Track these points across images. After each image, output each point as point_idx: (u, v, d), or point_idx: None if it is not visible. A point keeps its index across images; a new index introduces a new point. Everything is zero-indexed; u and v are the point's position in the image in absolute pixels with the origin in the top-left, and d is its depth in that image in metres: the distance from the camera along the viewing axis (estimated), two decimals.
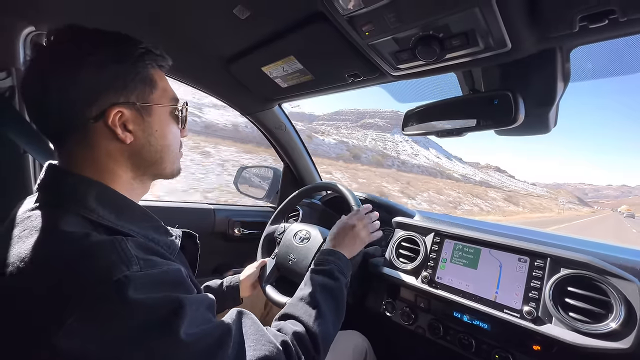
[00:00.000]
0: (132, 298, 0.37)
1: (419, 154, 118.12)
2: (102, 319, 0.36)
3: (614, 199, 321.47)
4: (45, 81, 0.46)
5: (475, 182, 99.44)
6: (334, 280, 0.69)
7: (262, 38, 0.84)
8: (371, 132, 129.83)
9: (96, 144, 0.49)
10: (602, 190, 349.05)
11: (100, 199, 0.47)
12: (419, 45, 0.63)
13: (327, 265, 0.72)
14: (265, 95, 1.18)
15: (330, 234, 0.83)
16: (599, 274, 0.70)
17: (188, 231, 0.66)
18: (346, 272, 0.74)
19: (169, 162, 0.57)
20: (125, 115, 0.49)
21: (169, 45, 0.92)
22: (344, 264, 0.74)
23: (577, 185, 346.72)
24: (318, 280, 0.68)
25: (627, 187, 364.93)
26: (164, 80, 0.56)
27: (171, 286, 0.43)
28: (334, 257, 0.74)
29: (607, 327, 0.65)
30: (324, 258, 0.74)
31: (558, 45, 0.61)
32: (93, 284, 0.37)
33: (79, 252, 0.39)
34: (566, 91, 0.75)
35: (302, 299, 0.63)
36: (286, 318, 0.61)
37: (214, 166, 10.74)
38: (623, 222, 52.01)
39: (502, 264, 0.84)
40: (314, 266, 0.73)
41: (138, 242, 0.45)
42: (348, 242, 0.80)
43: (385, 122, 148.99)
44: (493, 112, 0.69)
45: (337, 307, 0.66)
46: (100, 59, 0.47)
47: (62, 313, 0.35)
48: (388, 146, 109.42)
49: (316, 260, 0.75)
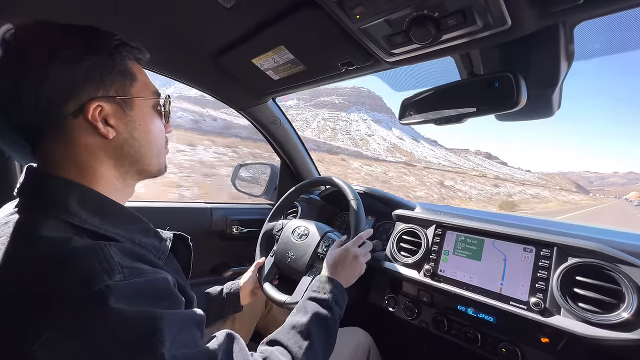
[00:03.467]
0: (114, 310, 0.35)
1: (374, 134, 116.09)
2: (82, 330, 0.35)
3: (621, 186, 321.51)
4: (17, 78, 0.44)
5: (438, 166, 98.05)
6: (330, 311, 0.66)
7: (250, 27, 0.81)
8: (324, 111, 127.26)
9: (76, 141, 0.47)
10: (607, 177, 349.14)
11: (82, 202, 0.45)
12: (413, 26, 0.60)
13: (325, 294, 0.69)
14: (257, 89, 1.15)
15: (329, 258, 0.80)
16: (609, 261, 0.67)
17: (179, 233, 0.64)
18: (342, 304, 0.71)
19: (153, 157, 0.55)
20: (105, 109, 0.47)
21: (155, 41, 0.90)
22: (340, 294, 0.72)
23: (582, 174, 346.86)
24: (313, 309, 0.65)
25: (634, 174, 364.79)
26: (143, 74, 0.54)
27: (156, 298, 0.41)
28: (332, 286, 0.71)
29: (618, 317, 0.62)
30: (322, 286, 0.72)
31: (561, 20, 0.57)
32: (73, 294, 0.35)
33: (59, 259, 0.37)
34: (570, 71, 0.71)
35: (295, 327, 0.61)
36: (275, 344, 0.58)
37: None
38: (631, 212, 47.13)
39: (506, 255, 0.81)
40: (311, 292, 0.71)
41: (123, 248, 0.43)
42: (347, 271, 0.78)
43: (342, 99, 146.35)
44: (494, 96, 0.65)
45: (328, 341, 0.64)
46: (73, 52, 0.45)
47: (41, 323, 0.34)
48: (339, 126, 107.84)
49: (313, 286, 0.72)
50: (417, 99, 0.81)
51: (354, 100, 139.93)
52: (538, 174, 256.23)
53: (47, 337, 0.33)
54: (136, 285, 0.39)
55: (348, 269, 0.78)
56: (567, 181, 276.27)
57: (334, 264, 0.78)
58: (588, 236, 0.76)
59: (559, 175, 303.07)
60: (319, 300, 0.68)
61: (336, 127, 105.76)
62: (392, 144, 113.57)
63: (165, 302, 0.42)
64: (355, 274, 0.80)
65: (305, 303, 0.67)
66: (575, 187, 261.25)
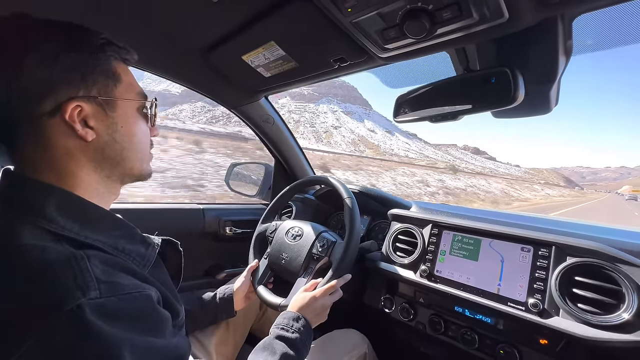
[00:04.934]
0: (85, 331, 0.34)
1: (342, 126, 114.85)
2: (52, 353, 0.33)
3: (613, 180, 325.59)
4: None
5: (407, 159, 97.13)
6: (297, 353, 0.66)
7: (239, 23, 0.78)
8: (290, 103, 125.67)
9: (53, 143, 0.44)
10: (600, 172, 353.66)
11: (61, 207, 0.42)
12: (406, 20, 0.57)
13: (292, 334, 0.68)
14: (249, 87, 1.12)
15: (297, 301, 0.78)
16: (609, 261, 0.65)
17: (168, 238, 0.61)
18: (308, 345, 0.71)
19: (136, 160, 0.53)
20: (85, 110, 0.45)
21: (142, 38, 0.87)
22: (307, 335, 0.71)
23: (575, 169, 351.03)
24: (282, 349, 0.64)
25: (626, 169, 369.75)
26: (129, 75, 0.52)
27: (132, 321, 0.39)
28: (300, 325, 0.71)
29: (619, 318, 0.60)
30: (291, 323, 0.70)
31: (559, 13, 0.55)
32: (43, 314, 0.33)
33: (30, 273, 0.35)
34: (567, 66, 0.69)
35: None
36: None
37: None
38: (624, 206, 46.62)
39: (504, 255, 0.79)
40: (278, 328, 0.69)
41: (104, 258, 0.41)
42: (313, 317, 0.76)
43: (312, 90, 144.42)
44: (490, 92, 0.63)
45: None
46: (52, 48, 0.43)
47: (11, 344, 0.32)
48: (304, 119, 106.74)
49: (281, 323, 0.71)
50: (411, 96, 0.79)
51: (325, 92, 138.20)
52: (527, 168, 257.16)
53: (25, 351, 0.32)
54: (113, 304, 0.37)
55: (313, 315, 0.76)
56: (556, 175, 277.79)
57: (301, 307, 0.76)
58: (587, 235, 0.75)
59: (548, 170, 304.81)
60: (288, 340, 0.67)
61: (301, 119, 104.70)
62: (360, 137, 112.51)
63: (142, 326, 0.40)
64: (323, 314, 0.79)
65: (273, 342, 0.66)
66: (564, 181, 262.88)
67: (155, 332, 0.42)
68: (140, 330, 0.39)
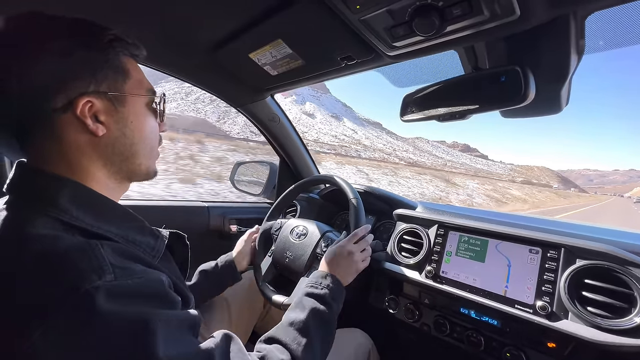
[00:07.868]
0: (103, 312, 0.34)
1: (301, 117, 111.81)
2: (69, 334, 0.34)
3: (622, 184, 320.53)
4: (3, 68, 0.42)
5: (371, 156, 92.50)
6: (327, 307, 0.65)
7: (246, 21, 0.78)
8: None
9: (65, 137, 0.45)
10: (608, 175, 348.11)
11: (74, 198, 0.43)
12: (416, 17, 0.57)
13: (322, 290, 0.68)
14: (255, 85, 1.12)
15: (327, 255, 0.78)
16: (620, 264, 0.64)
17: (176, 232, 0.62)
18: (339, 300, 0.70)
19: (144, 157, 0.53)
20: (95, 105, 0.46)
21: (150, 36, 0.88)
22: (338, 290, 0.70)
23: (582, 172, 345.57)
24: (311, 305, 0.64)
25: (635, 172, 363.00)
26: (138, 70, 0.53)
27: (149, 299, 0.40)
28: (329, 282, 0.70)
29: (630, 323, 0.59)
30: (319, 281, 0.70)
31: (572, 10, 0.54)
32: (60, 296, 0.34)
33: (46, 258, 0.36)
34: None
35: (292, 324, 0.59)
36: (273, 342, 0.57)
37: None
38: (632, 209, 43.82)
39: (511, 256, 0.78)
40: (307, 286, 0.69)
41: (116, 247, 0.42)
42: (344, 269, 0.75)
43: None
44: (500, 90, 0.62)
45: (327, 337, 0.63)
46: (64, 45, 0.43)
47: (27, 326, 0.33)
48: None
49: (310, 281, 0.71)
50: (419, 95, 0.79)
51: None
52: (518, 166, 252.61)
53: (35, 341, 0.32)
54: (128, 286, 0.38)
55: (344, 266, 0.76)
56: (549, 174, 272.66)
57: (329, 261, 0.76)
58: (596, 237, 0.73)
59: (539, 167, 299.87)
60: (317, 296, 0.66)
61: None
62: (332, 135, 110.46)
63: (159, 303, 0.41)
64: (351, 272, 0.77)
65: (302, 299, 0.66)
66: (558, 181, 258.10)
67: (172, 308, 0.43)
68: (159, 305, 0.40)
